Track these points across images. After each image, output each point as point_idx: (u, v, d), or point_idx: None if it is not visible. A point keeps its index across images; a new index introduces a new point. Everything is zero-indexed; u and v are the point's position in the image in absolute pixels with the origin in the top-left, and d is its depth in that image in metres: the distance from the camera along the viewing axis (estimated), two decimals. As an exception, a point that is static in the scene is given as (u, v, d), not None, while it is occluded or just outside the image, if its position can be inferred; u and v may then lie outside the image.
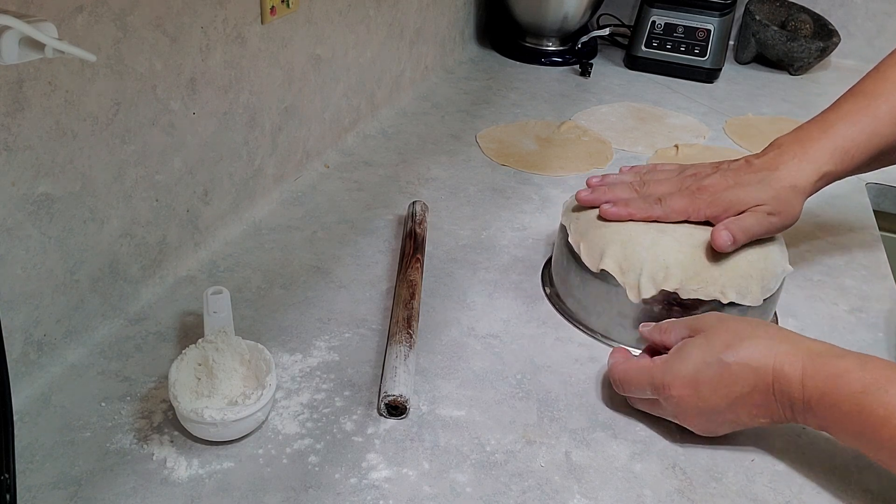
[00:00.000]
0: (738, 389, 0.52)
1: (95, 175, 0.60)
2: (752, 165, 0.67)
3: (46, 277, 0.58)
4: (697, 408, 0.54)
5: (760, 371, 0.52)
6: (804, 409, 0.51)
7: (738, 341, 0.53)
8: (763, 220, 0.64)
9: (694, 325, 0.57)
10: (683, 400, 0.54)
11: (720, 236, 0.62)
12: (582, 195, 0.70)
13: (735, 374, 0.52)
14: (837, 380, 0.49)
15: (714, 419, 0.55)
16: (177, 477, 0.52)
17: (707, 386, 0.53)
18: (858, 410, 0.48)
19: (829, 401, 0.49)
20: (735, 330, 0.54)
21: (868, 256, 0.83)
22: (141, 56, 0.61)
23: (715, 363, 0.53)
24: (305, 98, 0.88)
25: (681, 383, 0.54)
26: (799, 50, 1.35)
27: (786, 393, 0.51)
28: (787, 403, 0.51)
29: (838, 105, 0.69)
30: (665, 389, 0.54)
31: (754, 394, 0.52)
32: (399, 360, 0.60)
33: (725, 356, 0.53)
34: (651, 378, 0.55)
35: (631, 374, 0.57)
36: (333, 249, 0.78)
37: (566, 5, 1.34)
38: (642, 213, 0.66)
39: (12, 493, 0.37)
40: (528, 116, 1.15)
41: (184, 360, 0.56)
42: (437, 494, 0.52)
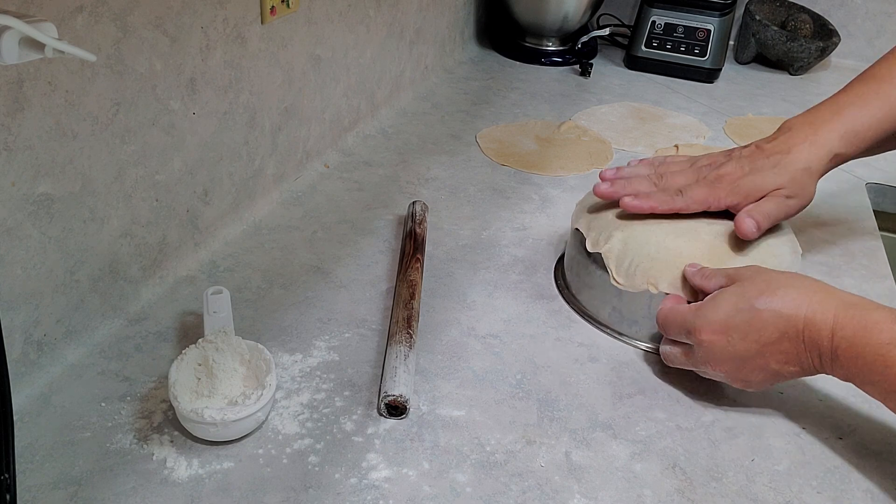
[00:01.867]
0: (767, 336, 0.53)
1: (95, 175, 0.60)
2: (765, 150, 0.67)
3: (46, 277, 0.58)
4: (727, 352, 0.55)
5: (791, 319, 0.53)
6: (831, 358, 0.52)
7: (771, 289, 0.54)
8: (783, 203, 0.65)
9: (733, 274, 0.58)
10: (714, 344, 0.55)
11: (745, 224, 0.63)
12: (601, 189, 0.69)
13: (766, 320, 0.53)
14: (866, 331, 0.50)
15: (744, 365, 0.56)
16: (177, 477, 0.52)
17: (737, 331, 0.54)
18: (883, 361, 0.49)
19: (856, 351, 0.50)
20: (770, 279, 0.55)
21: (868, 256, 0.83)
22: (141, 56, 0.61)
23: (746, 309, 0.54)
24: (305, 98, 0.88)
25: (711, 328, 0.55)
26: (799, 50, 1.35)
27: (815, 342, 0.52)
28: (815, 352, 0.52)
29: (849, 88, 0.69)
30: (697, 333, 0.56)
31: (783, 341, 0.53)
32: (399, 360, 0.60)
33: (758, 303, 0.54)
34: (684, 321, 0.57)
35: (670, 318, 0.59)
36: (333, 249, 0.78)
37: (566, 5, 1.34)
38: (665, 206, 0.66)
39: (12, 493, 0.37)
40: (528, 116, 1.15)
41: (184, 360, 0.56)
42: (437, 494, 0.52)
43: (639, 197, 0.67)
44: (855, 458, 0.57)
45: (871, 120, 0.66)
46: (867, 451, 0.57)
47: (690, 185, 0.67)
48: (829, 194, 0.94)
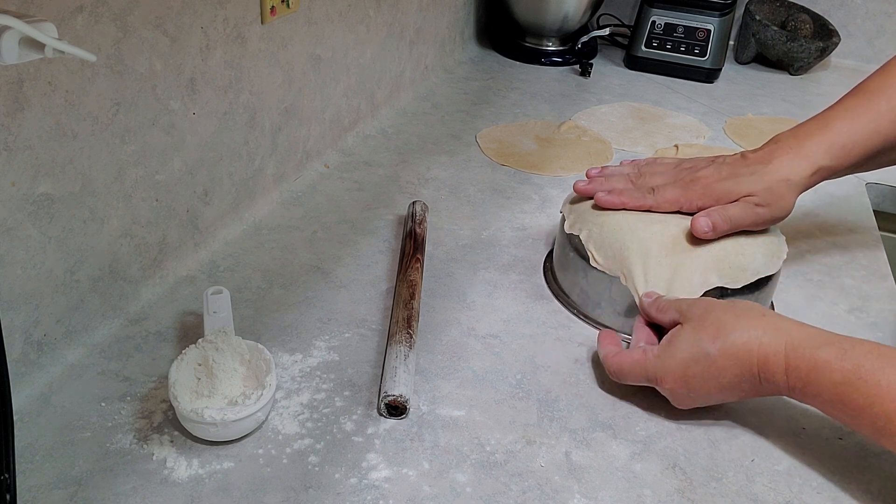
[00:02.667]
0: (726, 380, 0.55)
1: (95, 175, 0.60)
2: (747, 159, 0.68)
3: (46, 277, 0.58)
4: (690, 397, 0.57)
5: (745, 362, 0.54)
6: (789, 391, 0.53)
7: (722, 332, 0.55)
8: (749, 210, 0.65)
9: (685, 311, 0.58)
10: (676, 391, 0.57)
11: (698, 222, 0.64)
12: (579, 185, 0.72)
13: (722, 366, 0.54)
14: (818, 372, 0.51)
15: (710, 401, 0.58)
16: (177, 477, 0.52)
17: (696, 379, 0.55)
18: (839, 399, 0.50)
19: (812, 390, 0.52)
20: (720, 320, 0.56)
21: (868, 256, 0.83)
22: (141, 56, 0.61)
23: (702, 357, 0.55)
24: (305, 98, 0.88)
25: (672, 378, 0.56)
26: (799, 50, 1.35)
27: (772, 381, 0.53)
28: (774, 388, 0.54)
29: (839, 103, 0.69)
30: (659, 383, 0.57)
31: (742, 382, 0.54)
32: (399, 360, 0.60)
33: (711, 350, 0.55)
34: (645, 372, 0.58)
35: (626, 368, 0.59)
36: (333, 249, 0.78)
37: (566, 5, 1.34)
38: (634, 202, 0.67)
39: (12, 493, 0.37)
40: (528, 116, 1.15)
41: (184, 360, 0.56)
42: (437, 494, 0.52)
43: (612, 193, 0.68)
44: (855, 458, 0.57)
45: (858, 134, 0.66)
46: (867, 451, 0.57)
47: (665, 185, 0.68)
48: (829, 194, 0.94)
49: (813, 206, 0.92)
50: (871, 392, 0.49)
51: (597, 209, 0.69)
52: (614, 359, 0.60)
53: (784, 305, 0.73)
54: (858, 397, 0.49)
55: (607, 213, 0.68)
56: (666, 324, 0.60)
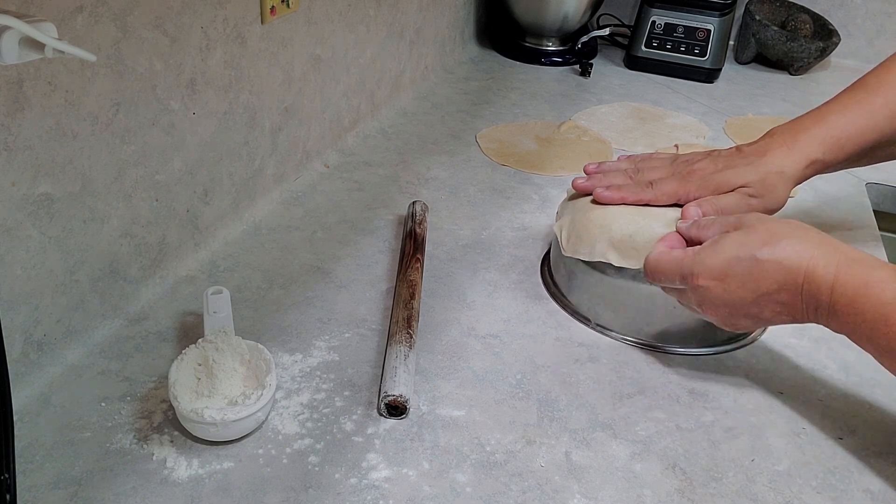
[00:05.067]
0: (766, 286, 0.53)
1: (95, 175, 0.60)
2: (743, 152, 0.68)
3: (46, 277, 0.58)
4: (722, 299, 0.55)
5: (792, 271, 0.52)
6: (829, 312, 0.51)
7: (775, 240, 0.54)
8: (742, 200, 0.65)
9: (734, 222, 0.57)
10: (710, 290, 0.55)
11: (689, 211, 0.64)
12: (578, 182, 0.72)
13: (766, 270, 0.53)
14: (868, 288, 0.50)
15: (736, 312, 0.56)
16: (177, 477, 0.52)
17: (735, 279, 0.54)
18: (884, 320, 0.49)
19: (855, 307, 0.50)
20: (774, 229, 0.55)
21: (868, 256, 0.82)
22: (141, 56, 0.61)
23: (747, 258, 0.53)
24: (305, 98, 0.88)
25: (709, 274, 0.55)
26: (799, 50, 1.35)
27: (814, 295, 0.52)
28: (812, 305, 0.52)
29: (835, 98, 0.70)
30: (693, 279, 0.55)
31: (781, 292, 0.53)
32: (399, 360, 0.60)
33: (760, 253, 0.53)
34: (681, 268, 0.56)
35: (663, 264, 0.58)
36: (333, 249, 0.78)
37: (566, 5, 1.34)
38: (634, 197, 0.67)
39: (12, 493, 0.37)
40: (528, 116, 1.15)
41: (184, 360, 0.56)
42: (437, 494, 0.52)
43: (610, 188, 0.68)
44: (855, 458, 0.57)
45: (852, 128, 0.66)
46: (867, 451, 0.57)
47: (662, 178, 0.68)
48: (829, 194, 0.94)
49: (813, 206, 0.92)
50: None
51: (595, 204, 0.69)
52: (653, 256, 0.59)
53: (784, 305, 0.73)
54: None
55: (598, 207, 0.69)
56: (709, 237, 0.58)
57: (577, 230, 0.68)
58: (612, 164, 0.73)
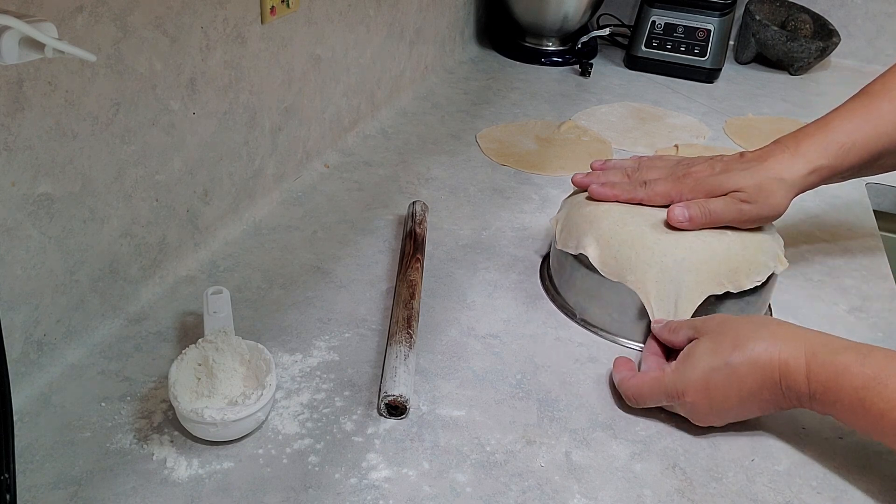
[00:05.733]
0: (747, 388, 0.54)
1: (95, 175, 0.60)
2: (744, 157, 0.68)
3: (46, 277, 0.58)
4: (711, 409, 0.56)
5: (767, 369, 0.53)
6: (810, 400, 0.53)
7: (743, 342, 0.54)
8: (733, 205, 0.64)
9: (700, 326, 0.58)
10: (697, 404, 0.56)
11: (675, 212, 0.64)
12: (577, 177, 0.73)
13: (743, 375, 0.54)
14: (838, 376, 0.51)
15: (727, 416, 0.57)
16: (177, 477, 0.52)
17: (718, 390, 0.55)
18: (860, 404, 0.50)
19: (832, 396, 0.51)
20: (739, 331, 0.56)
21: (868, 256, 0.83)
22: (141, 56, 0.61)
23: (723, 367, 0.54)
24: (305, 98, 0.88)
25: (693, 389, 0.55)
26: (799, 50, 1.35)
27: (793, 388, 0.53)
28: (794, 396, 0.53)
29: (842, 106, 0.69)
30: (680, 397, 0.56)
31: (763, 391, 0.54)
32: (399, 360, 0.60)
33: (732, 359, 0.54)
34: (665, 389, 0.57)
35: (644, 389, 0.58)
36: (333, 249, 0.78)
37: (566, 5, 1.34)
38: (626, 195, 0.68)
39: (12, 493, 0.37)
40: (528, 116, 1.15)
41: (184, 360, 0.56)
42: (437, 494, 0.52)
43: (605, 185, 0.69)
44: (855, 458, 0.57)
45: (858, 134, 0.65)
46: (867, 451, 0.57)
47: (657, 179, 0.68)
48: (829, 194, 0.94)
49: (813, 206, 0.92)
50: (892, 397, 0.48)
51: (589, 200, 0.70)
52: (631, 382, 0.59)
53: (784, 305, 0.73)
54: (879, 402, 0.49)
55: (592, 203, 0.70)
56: (679, 344, 0.59)
57: (568, 224, 0.69)
58: (615, 162, 0.74)
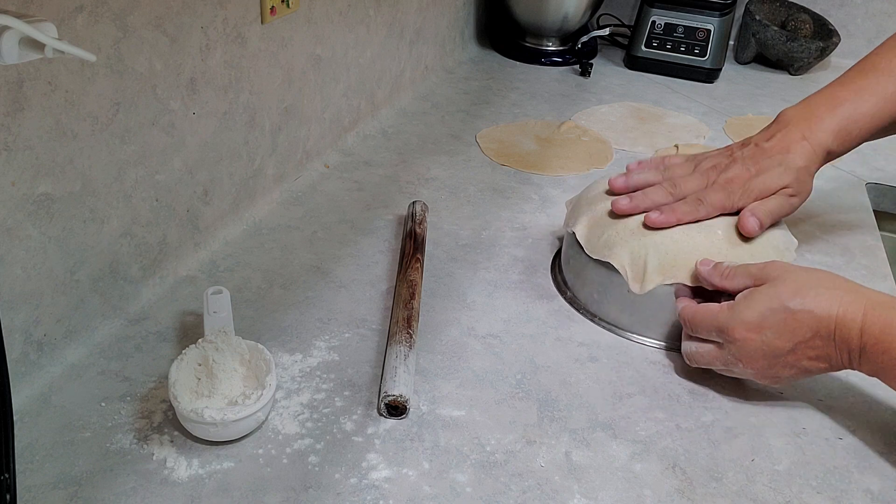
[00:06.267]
0: (801, 334, 0.55)
1: (95, 175, 0.60)
2: (766, 150, 0.68)
3: (46, 277, 0.58)
4: (761, 350, 0.57)
5: (824, 319, 0.54)
6: (860, 355, 0.54)
7: (804, 290, 0.56)
8: (786, 202, 0.67)
9: (759, 274, 0.59)
10: (748, 342, 0.57)
11: (748, 222, 0.65)
12: (622, 205, 0.68)
13: (800, 320, 0.55)
14: (893, 328, 0.52)
15: (776, 362, 0.57)
16: (177, 477, 0.52)
17: (772, 330, 0.56)
18: None
19: (882, 347, 0.52)
20: (800, 279, 0.57)
21: (868, 256, 0.83)
22: (141, 56, 0.61)
23: (781, 309, 0.55)
24: (305, 98, 0.88)
25: (746, 327, 0.57)
26: (799, 50, 1.35)
27: (845, 340, 0.54)
28: (845, 350, 0.54)
29: (847, 80, 0.70)
30: (731, 332, 0.57)
31: (816, 339, 0.55)
32: (399, 360, 0.60)
33: (792, 303, 0.55)
34: (717, 322, 0.58)
35: (699, 317, 0.60)
36: (333, 249, 0.78)
37: (566, 5, 1.34)
38: (689, 217, 0.66)
39: (12, 493, 0.37)
40: (528, 116, 1.15)
41: (184, 360, 0.56)
42: (437, 494, 0.52)
43: (663, 212, 0.66)
44: (855, 458, 0.57)
45: (863, 118, 0.68)
46: (867, 451, 0.57)
47: (706, 191, 0.67)
48: (829, 194, 0.94)
49: (813, 206, 0.92)
50: None
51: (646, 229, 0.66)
52: (690, 308, 0.61)
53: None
54: None
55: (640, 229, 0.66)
56: (734, 289, 0.60)
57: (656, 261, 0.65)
58: (641, 178, 0.70)
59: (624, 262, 0.66)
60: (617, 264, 0.66)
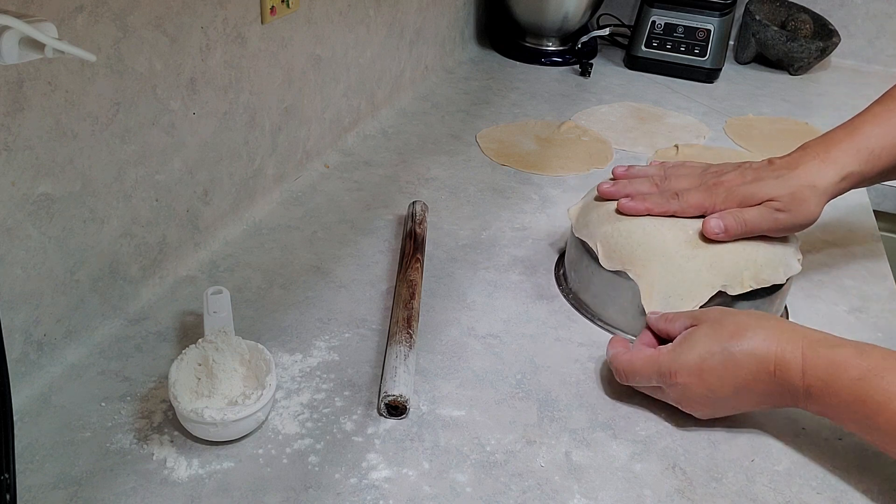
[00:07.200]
0: (742, 377, 0.54)
1: (95, 175, 0.60)
2: (774, 164, 0.67)
3: (46, 277, 0.58)
4: (702, 395, 0.56)
5: (764, 360, 0.53)
6: (805, 396, 0.52)
7: (742, 331, 0.54)
8: (767, 214, 0.64)
9: (699, 316, 0.58)
10: (689, 387, 0.56)
11: (710, 224, 0.64)
12: (604, 187, 0.71)
13: (739, 362, 0.54)
14: (836, 368, 0.51)
15: (718, 406, 0.56)
16: (177, 477, 0.52)
17: (712, 374, 0.54)
18: (857, 398, 0.50)
19: (829, 389, 0.51)
20: (739, 321, 0.56)
21: (868, 257, 0.83)
22: (141, 56, 0.61)
23: (720, 352, 0.54)
24: (305, 98, 0.88)
25: (687, 371, 0.55)
26: (799, 50, 1.35)
27: (787, 381, 0.53)
28: (788, 391, 0.53)
29: (867, 110, 0.68)
30: (671, 377, 0.56)
31: (758, 382, 0.54)
32: (399, 360, 0.60)
33: (730, 345, 0.54)
34: (658, 367, 0.57)
35: (636, 365, 0.58)
36: (333, 249, 0.78)
37: (566, 5, 1.34)
38: (659, 208, 0.66)
39: (12, 493, 0.37)
40: (528, 116, 1.15)
41: (184, 360, 0.56)
42: (437, 494, 0.52)
43: (635, 198, 0.67)
44: (855, 458, 0.57)
45: (886, 138, 0.65)
46: (867, 451, 0.57)
47: (689, 189, 0.67)
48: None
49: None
50: (890, 389, 0.49)
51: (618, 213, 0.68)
52: (623, 357, 0.59)
53: (784, 305, 0.73)
54: (876, 394, 0.49)
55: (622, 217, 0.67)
56: (676, 333, 0.59)
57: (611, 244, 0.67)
58: (640, 170, 0.72)
59: (597, 241, 0.68)
60: (591, 243, 0.68)
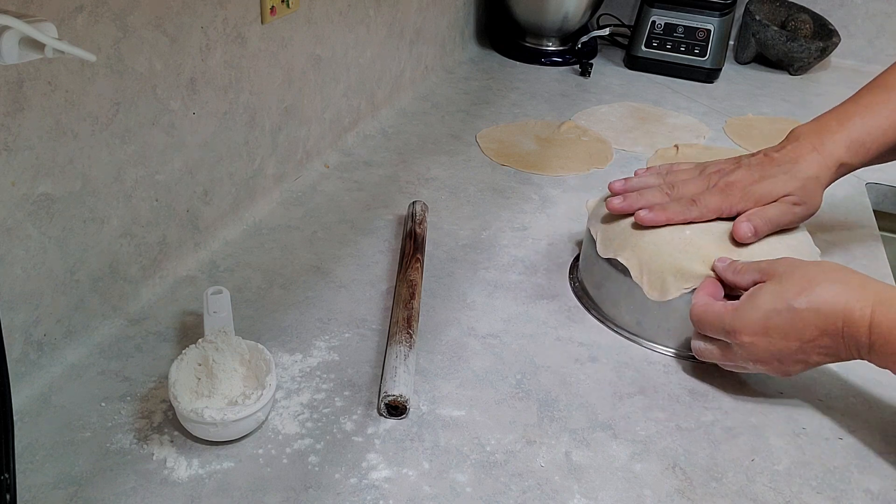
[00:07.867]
0: (808, 334, 0.54)
1: (95, 175, 0.60)
2: (774, 159, 0.68)
3: (46, 277, 0.58)
4: (769, 352, 0.56)
5: (830, 316, 0.54)
6: (869, 350, 0.53)
7: (809, 287, 0.55)
8: (787, 209, 0.66)
9: (767, 269, 0.59)
10: (755, 345, 0.56)
11: (741, 228, 0.64)
12: (615, 204, 0.69)
13: (805, 319, 0.54)
14: None
15: (784, 361, 0.57)
16: (177, 477, 0.52)
17: (778, 332, 0.55)
18: None
19: (893, 344, 0.52)
20: (807, 275, 0.56)
21: (868, 256, 0.83)
22: (141, 56, 0.61)
23: (785, 310, 0.55)
24: (305, 98, 0.88)
25: (752, 330, 0.56)
26: (799, 50, 1.35)
27: (854, 337, 0.53)
28: (854, 345, 0.54)
29: (858, 97, 0.69)
30: (736, 335, 0.57)
31: (824, 337, 0.54)
32: (399, 360, 0.60)
33: (796, 302, 0.55)
34: (723, 323, 0.58)
35: (707, 317, 0.59)
36: (333, 249, 0.78)
37: (566, 5, 1.34)
38: (680, 217, 0.66)
39: (12, 493, 0.37)
40: (528, 116, 1.15)
41: (184, 360, 0.56)
42: (437, 494, 0.52)
43: (653, 210, 0.67)
44: (855, 458, 0.57)
45: (876, 130, 0.67)
46: (867, 451, 0.57)
47: (703, 193, 0.67)
48: (829, 194, 0.93)
49: (813, 206, 0.92)
50: None
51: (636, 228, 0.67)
52: (701, 307, 0.60)
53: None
54: None
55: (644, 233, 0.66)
56: (745, 286, 0.60)
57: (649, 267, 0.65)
58: (641, 181, 0.71)
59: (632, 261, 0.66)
60: (625, 262, 0.66)
